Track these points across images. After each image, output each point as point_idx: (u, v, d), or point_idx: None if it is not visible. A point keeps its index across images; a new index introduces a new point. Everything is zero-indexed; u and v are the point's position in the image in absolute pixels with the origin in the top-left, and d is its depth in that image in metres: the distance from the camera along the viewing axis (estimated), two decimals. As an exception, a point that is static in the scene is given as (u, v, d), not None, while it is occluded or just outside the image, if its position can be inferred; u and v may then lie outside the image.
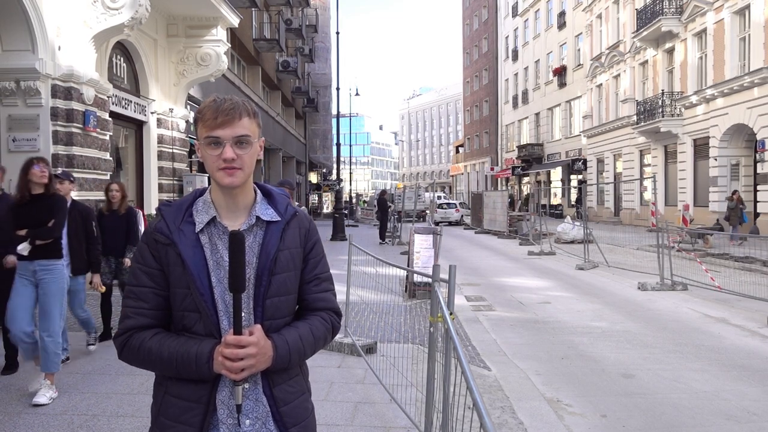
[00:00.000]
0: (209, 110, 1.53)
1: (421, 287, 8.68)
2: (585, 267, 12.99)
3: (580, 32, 35.17)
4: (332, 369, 5.28)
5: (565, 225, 19.87)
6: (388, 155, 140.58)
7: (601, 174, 32.23)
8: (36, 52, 8.62)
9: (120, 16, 9.15)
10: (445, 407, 2.97)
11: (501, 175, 49.32)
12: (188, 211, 1.59)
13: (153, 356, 1.52)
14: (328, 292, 1.72)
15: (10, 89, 8.66)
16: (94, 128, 9.47)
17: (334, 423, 4.08)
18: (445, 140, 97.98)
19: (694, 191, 22.93)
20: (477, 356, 5.96)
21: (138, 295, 1.57)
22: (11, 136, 8.78)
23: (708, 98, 21.02)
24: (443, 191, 64.79)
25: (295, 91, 34.90)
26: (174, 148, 13.43)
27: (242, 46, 22.24)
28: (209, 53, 13.18)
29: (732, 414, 4.47)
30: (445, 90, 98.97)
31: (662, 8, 23.40)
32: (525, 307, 8.78)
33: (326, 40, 44.61)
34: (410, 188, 30.16)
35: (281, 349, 1.53)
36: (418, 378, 4.81)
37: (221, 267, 1.54)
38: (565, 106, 38.26)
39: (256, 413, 1.56)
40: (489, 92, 54.15)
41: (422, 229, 9.71)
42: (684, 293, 9.76)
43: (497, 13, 51.35)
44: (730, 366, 5.70)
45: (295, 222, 1.65)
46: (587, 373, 5.50)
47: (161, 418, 1.57)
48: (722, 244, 15.42)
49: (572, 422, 4.34)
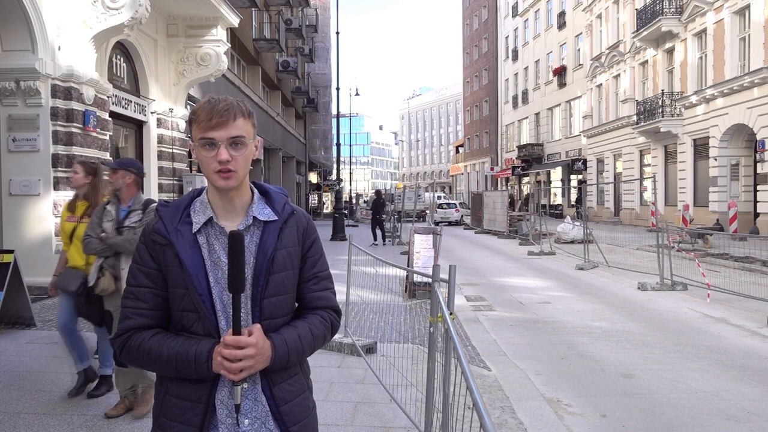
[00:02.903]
0: (203, 111, 1.53)
1: (421, 287, 8.68)
2: (585, 267, 12.99)
3: (580, 32, 35.17)
4: (332, 369, 5.28)
5: (565, 225, 19.86)
6: (388, 155, 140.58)
7: (601, 174, 32.23)
8: (36, 52, 8.62)
9: (120, 16, 9.14)
10: (445, 407, 2.96)
11: (501, 175, 49.33)
12: (186, 211, 1.59)
13: (152, 356, 1.52)
14: (328, 290, 1.71)
15: (10, 89, 8.66)
16: (94, 128, 9.47)
17: (334, 423, 4.08)
18: (445, 140, 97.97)
19: (694, 191, 22.93)
20: (477, 356, 5.96)
21: (137, 296, 1.57)
22: (11, 136, 8.78)
23: (708, 98, 21.02)
24: (443, 191, 64.79)
25: (295, 91, 34.91)
26: (174, 148, 13.42)
27: (242, 46, 22.23)
28: (209, 53, 13.17)
29: (731, 414, 4.47)
30: (445, 90, 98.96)
31: (662, 8, 23.40)
32: (525, 307, 8.78)
33: (326, 40, 44.60)
34: (410, 188, 30.16)
35: (280, 349, 1.53)
36: (418, 378, 4.81)
37: (219, 267, 1.54)
38: (565, 106, 38.27)
39: (255, 413, 1.56)
40: (489, 92, 54.16)
41: (422, 229, 9.71)
42: (684, 293, 9.76)
43: (497, 13, 51.36)
44: (730, 366, 5.70)
45: (293, 221, 1.65)
46: (587, 373, 5.50)
47: (162, 418, 1.57)
48: (722, 244, 15.42)
49: (572, 422, 4.34)
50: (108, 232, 4.00)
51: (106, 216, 4.07)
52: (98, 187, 4.54)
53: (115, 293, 4.00)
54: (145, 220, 3.96)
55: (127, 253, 3.96)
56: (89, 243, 4.01)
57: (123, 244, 3.96)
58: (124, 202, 4.10)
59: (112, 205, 4.10)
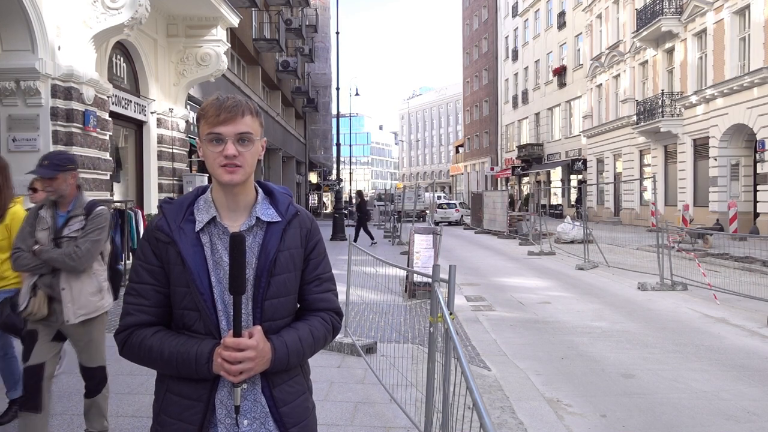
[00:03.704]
0: (212, 107, 1.53)
1: (421, 287, 8.68)
2: (585, 267, 12.99)
3: (580, 32, 35.17)
4: (332, 369, 5.28)
5: (565, 225, 19.86)
6: (388, 155, 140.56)
7: (601, 174, 32.23)
8: (36, 52, 8.62)
9: (120, 16, 9.14)
10: (445, 407, 2.97)
11: (501, 175, 49.33)
12: (189, 209, 1.59)
13: (153, 354, 1.53)
14: (329, 292, 1.71)
15: (10, 89, 8.66)
16: (94, 128, 9.47)
17: (334, 423, 4.08)
18: (445, 140, 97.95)
19: (694, 191, 22.93)
20: (477, 356, 5.96)
21: (139, 292, 1.57)
22: (11, 136, 8.78)
23: (708, 98, 21.02)
24: (443, 191, 64.77)
25: (295, 91, 34.91)
26: (174, 148, 13.42)
27: (242, 46, 22.23)
28: (209, 53, 13.18)
29: (731, 414, 4.47)
30: (445, 90, 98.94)
31: (662, 8, 23.40)
32: (525, 307, 8.78)
33: (326, 40, 44.60)
34: (410, 188, 30.15)
35: (280, 352, 1.53)
36: (418, 378, 4.81)
37: (221, 267, 1.54)
38: (565, 106, 38.27)
39: (254, 413, 1.56)
40: (489, 92, 54.15)
41: (422, 229, 9.71)
42: (684, 293, 9.76)
43: (497, 13, 51.36)
44: (730, 366, 5.70)
45: (296, 222, 1.64)
46: (587, 373, 5.50)
47: (162, 416, 1.58)
48: (722, 244, 15.42)
49: (572, 422, 4.34)
50: (43, 243, 3.20)
51: (39, 224, 3.24)
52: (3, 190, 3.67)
53: (51, 318, 3.26)
54: (90, 227, 3.23)
55: (68, 270, 3.20)
56: (19, 258, 3.19)
57: (61, 258, 3.15)
58: (62, 207, 3.29)
59: (47, 210, 3.27)
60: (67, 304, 3.24)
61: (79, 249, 3.19)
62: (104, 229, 3.34)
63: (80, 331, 3.36)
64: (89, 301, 3.32)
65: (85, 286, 3.30)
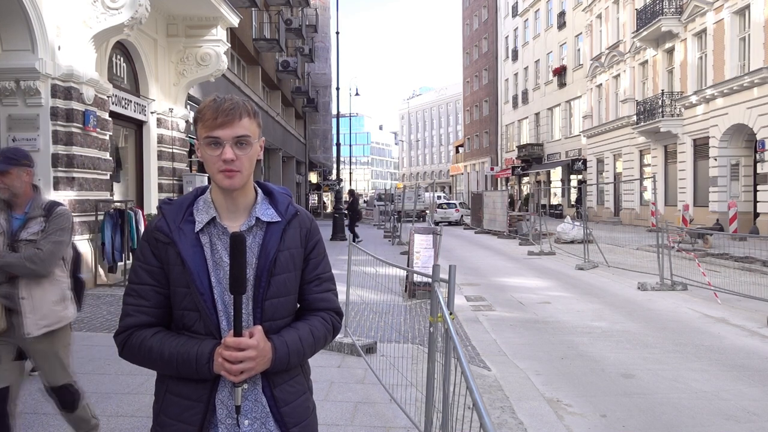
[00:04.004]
0: (209, 110, 1.52)
1: (421, 287, 8.68)
2: (585, 267, 12.99)
3: (580, 32, 35.17)
4: (332, 369, 5.28)
5: (565, 225, 19.87)
6: (388, 155, 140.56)
7: (601, 174, 32.24)
8: (36, 51, 8.62)
9: (120, 16, 9.14)
10: (445, 407, 2.97)
11: (501, 175, 49.33)
12: (189, 209, 1.59)
13: (153, 355, 1.53)
14: (330, 292, 1.71)
15: (10, 89, 8.66)
16: (94, 128, 9.47)
17: (334, 423, 4.08)
18: (445, 140, 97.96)
19: (694, 191, 22.93)
20: (477, 356, 5.96)
21: (139, 293, 1.57)
22: (11, 135, 8.78)
23: (708, 98, 21.02)
24: (443, 191, 64.76)
25: (295, 91, 34.91)
26: (174, 148, 13.42)
27: (242, 46, 22.23)
28: (209, 53, 13.17)
29: (731, 414, 4.47)
30: (445, 90, 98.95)
31: (662, 8, 23.40)
32: (525, 307, 8.78)
33: (326, 40, 44.60)
34: (410, 188, 30.15)
35: (280, 351, 1.53)
36: (418, 378, 4.81)
37: (220, 267, 1.54)
38: (565, 106, 38.27)
39: (255, 413, 1.56)
40: (489, 92, 54.16)
41: (422, 229, 9.71)
42: (684, 293, 9.76)
43: (497, 13, 51.36)
44: (730, 366, 5.70)
45: (296, 222, 1.64)
46: (587, 373, 5.50)
47: (162, 416, 1.58)
48: (722, 244, 15.42)
49: (572, 422, 4.34)
50: None
51: None
52: None
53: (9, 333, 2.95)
54: (51, 228, 2.97)
55: (28, 275, 2.93)
56: None
57: (21, 263, 2.88)
58: (17, 209, 3.00)
59: (1, 212, 2.99)
60: (28, 315, 2.93)
61: (41, 251, 2.91)
62: (67, 230, 3.05)
63: (43, 346, 3.05)
64: (52, 311, 3.02)
65: (47, 294, 3.01)
